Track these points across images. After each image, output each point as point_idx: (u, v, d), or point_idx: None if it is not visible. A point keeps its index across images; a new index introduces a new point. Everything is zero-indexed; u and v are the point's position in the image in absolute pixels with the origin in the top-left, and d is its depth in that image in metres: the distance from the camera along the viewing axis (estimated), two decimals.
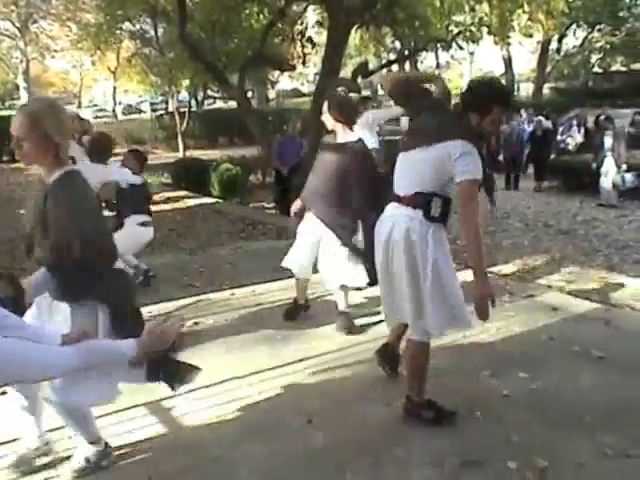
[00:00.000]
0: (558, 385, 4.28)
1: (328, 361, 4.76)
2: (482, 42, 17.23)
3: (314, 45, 16.40)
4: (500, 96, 3.62)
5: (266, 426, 3.90)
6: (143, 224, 6.61)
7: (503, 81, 36.07)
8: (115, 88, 43.63)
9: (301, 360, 4.80)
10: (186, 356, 4.92)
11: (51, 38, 40.38)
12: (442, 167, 3.49)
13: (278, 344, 5.17)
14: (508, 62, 38.92)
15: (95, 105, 53.99)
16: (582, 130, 20.71)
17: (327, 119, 5.36)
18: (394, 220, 3.67)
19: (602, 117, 15.31)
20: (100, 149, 6.51)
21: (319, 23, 16.57)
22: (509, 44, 23.87)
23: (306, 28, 16.76)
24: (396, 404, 3.98)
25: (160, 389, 4.36)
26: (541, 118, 17.50)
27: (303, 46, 16.29)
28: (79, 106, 49.97)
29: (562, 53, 39.08)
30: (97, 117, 41.78)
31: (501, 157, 16.80)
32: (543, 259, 8.65)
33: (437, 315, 3.56)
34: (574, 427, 3.74)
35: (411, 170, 3.64)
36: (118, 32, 21.78)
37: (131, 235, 6.47)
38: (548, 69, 38.95)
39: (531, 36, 21.54)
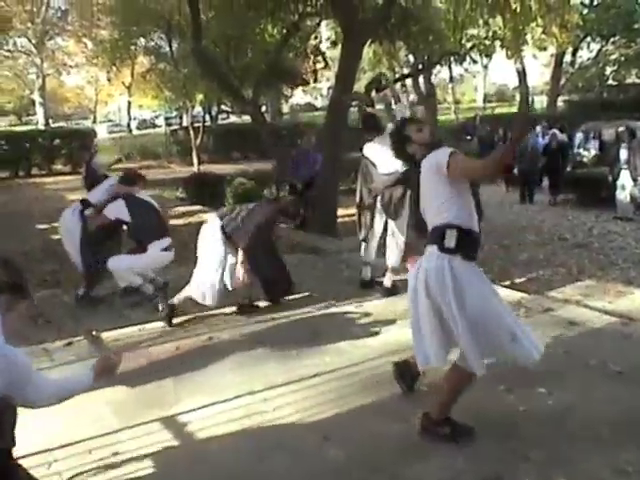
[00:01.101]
0: (575, 400, 4.24)
1: (343, 377, 4.74)
2: (496, 55, 17.25)
3: (326, 62, 16.47)
4: None
5: (282, 443, 3.88)
6: (166, 249, 6.67)
7: (517, 94, 36.14)
8: (130, 103, 43.97)
9: (316, 375, 4.78)
10: (201, 371, 4.96)
11: (67, 54, 40.90)
12: (437, 179, 3.53)
13: (292, 360, 5.16)
14: (522, 75, 38.80)
15: (110, 120, 54.41)
16: (597, 143, 20.61)
17: None
18: (419, 262, 3.69)
19: (621, 129, 15.21)
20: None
21: (333, 43, 16.63)
22: (523, 57, 23.88)
23: (320, 43, 16.84)
24: (413, 420, 3.95)
25: (176, 405, 4.38)
26: (556, 131, 17.45)
27: (316, 61, 16.36)
28: (94, 121, 50.43)
29: (576, 66, 38.96)
30: (112, 132, 42.08)
31: (515, 170, 16.76)
32: (559, 273, 8.59)
33: (472, 351, 3.51)
34: (592, 443, 3.70)
35: (424, 206, 3.73)
36: (133, 48, 21.97)
37: (154, 260, 6.69)
38: (562, 82, 38.82)
39: (545, 49, 21.54)
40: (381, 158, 6.82)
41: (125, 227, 6.78)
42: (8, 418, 2.77)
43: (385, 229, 7.00)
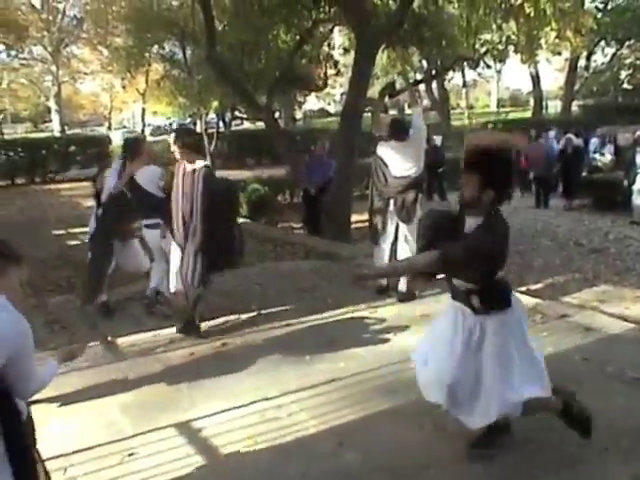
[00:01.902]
0: (592, 407, 4.18)
1: (358, 382, 4.72)
2: (509, 60, 17.17)
3: (339, 69, 16.47)
4: None
5: (297, 448, 3.87)
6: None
7: (531, 99, 36.01)
8: (144, 110, 44.14)
9: (330, 381, 4.76)
10: (215, 376, 4.96)
11: (82, 62, 41.14)
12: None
13: (307, 365, 5.15)
14: (536, 79, 38.74)
15: (124, 127, 54.60)
16: (612, 147, 20.49)
17: None
18: None
19: (638, 133, 15.10)
20: None
21: (346, 49, 16.64)
22: (537, 62, 23.78)
23: (333, 49, 16.86)
24: (428, 426, 3.93)
25: (191, 410, 4.38)
26: (571, 136, 17.34)
27: (329, 67, 16.38)
28: (109, 128, 50.67)
29: (591, 70, 38.82)
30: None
31: (531, 176, 16.69)
32: (575, 278, 8.53)
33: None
34: (610, 450, 3.66)
35: None
36: (147, 55, 22.14)
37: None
38: (577, 86, 38.68)
39: (559, 53, 21.39)
40: (396, 161, 6.81)
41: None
42: None
43: (396, 233, 6.98)
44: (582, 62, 37.02)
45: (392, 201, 6.90)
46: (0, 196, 18.83)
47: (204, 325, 6.14)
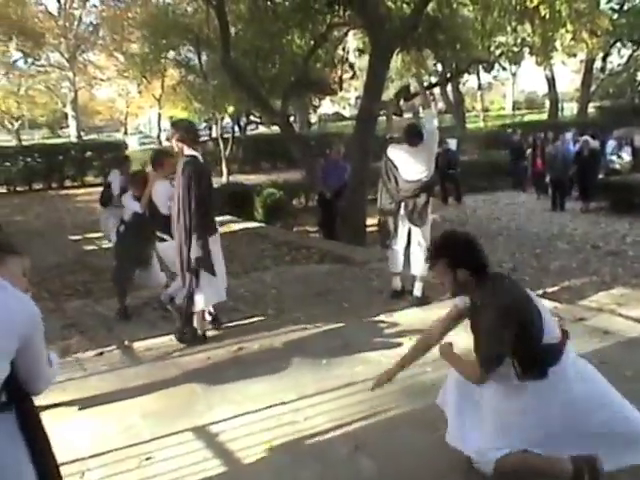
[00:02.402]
0: None
1: None
2: (524, 62, 17.10)
3: (354, 72, 16.48)
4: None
5: (313, 452, 3.88)
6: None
7: (547, 101, 35.68)
8: (160, 115, 44.38)
9: (347, 385, 4.76)
10: (232, 381, 4.97)
11: (98, 68, 41.44)
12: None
13: (323, 369, 5.15)
14: (551, 81, 38.56)
15: (140, 132, 54.90)
16: (630, 149, 20.37)
17: None
18: None
19: None
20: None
21: (361, 52, 16.64)
22: (552, 64, 23.67)
23: (348, 52, 16.87)
24: (444, 431, 3.91)
25: (208, 414, 4.39)
26: (587, 138, 17.26)
27: (344, 71, 16.40)
28: (125, 133, 51.00)
29: (607, 71, 38.55)
30: (143, 144, 42.51)
31: (547, 178, 16.62)
32: (592, 281, 8.48)
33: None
34: None
35: None
36: (163, 61, 22.24)
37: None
38: (593, 88, 38.46)
39: (575, 55, 21.24)
40: (408, 165, 6.80)
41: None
42: None
43: (409, 237, 6.97)
44: (598, 64, 36.75)
45: (403, 204, 6.90)
46: (18, 201, 19.00)
47: (210, 333, 6.16)
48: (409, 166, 6.80)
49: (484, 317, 3.19)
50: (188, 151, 5.81)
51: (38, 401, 2.54)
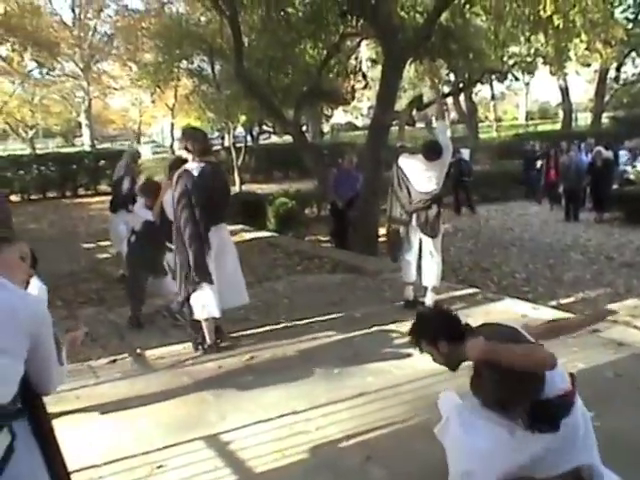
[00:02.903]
0: (624, 424, 4.12)
1: (386, 397, 4.70)
2: (538, 72, 17.07)
3: (367, 82, 16.50)
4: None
5: (325, 462, 3.86)
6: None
7: (560, 111, 35.51)
8: (173, 124, 44.60)
9: (359, 395, 4.75)
10: (243, 389, 4.96)
11: (112, 77, 41.74)
12: None
13: (335, 379, 5.13)
14: (565, 92, 38.45)
15: (153, 141, 55.20)
16: None
17: None
18: None
19: None
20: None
21: (374, 61, 16.68)
22: (566, 74, 23.61)
23: (360, 62, 16.91)
24: None
25: (219, 423, 4.39)
26: (600, 148, 17.20)
27: (357, 81, 16.43)
28: (138, 142, 51.24)
29: (621, 81, 38.39)
30: (156, 153, 42.73)
31: (560, 189, 16.57)
32: (607, 293, 8.44)
33: None
34: None
35: None
36: (176, 70, 22.33)
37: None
38: (607, 98, 38.32)
39: (589, 65, 21.19)
40: (421, 177, 6.79)
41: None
42: None
43: (421, 248, 6.96)
44: (612, 73, 36.62)
45: (415, 216, 6.89)
46: (32, 209, 19.11)
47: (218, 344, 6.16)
48: (422, 178, 6.79)
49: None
50: (190, 163, 5.79)
51: (51, 408, 2.55)
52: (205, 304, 5.81)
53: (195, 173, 5.73)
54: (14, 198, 21.31)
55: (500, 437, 3.21)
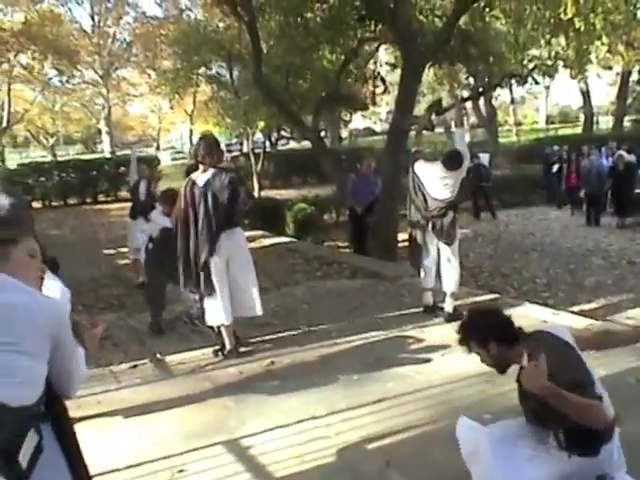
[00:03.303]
0: None
1: (406, 403, 4.67)
2: (558, 75, 16.97)
3: (385, 87, 16.49)
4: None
5: (344, 468, 3.85)
6: None
7: (581, 115, 35.22)
8: (192, 131, 44.85)
9: (379, 401, 4.73)
10: (263, 395, 4.96)
11: (131, 84, 42.12)
12: None
13: (354, 385, 5.12)
14: (586, 95, 38.19)
15: (172, 147, 55.52)
16: None
17: None
18: None
19: None
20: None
21: (392, 66, 16.66)
22: (587, 77, 23.46)
23: (379, 67, 16.91)
24: None
25: (239, 428, 4.39)
26: (622, 152, 17.03)
27: (375, 85, 16.42)
28: (157, 148, 51.56)
29: None
30: (175, 159, 42.96)
31: (581, 193, 16.43)
32: (629, 298, 8.34)
33: None
34: None
35: None
36: (195, 77, 22.46)
37: None
38: (629, 101, 37.99)
39: (610, 68, 20.99)
40: (437, 185, 6.76)
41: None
42: None
43: (439, 254, 6.93)
44: (634, 76, 36.31)
45: (431, 223, 6.87)
46: (53, 216, 19.27)
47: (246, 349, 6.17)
48: (438, 185, 6.76)
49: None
50: (199, 171, 5.91)
51: (73, 413, 2.55)
52: (215, 311, 5.84)
53: (200, 182, 5.81)
54: (35, 205, 21.53)
55: (532, 460, 3.14)
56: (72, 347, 2.42)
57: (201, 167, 5.89)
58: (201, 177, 5.85)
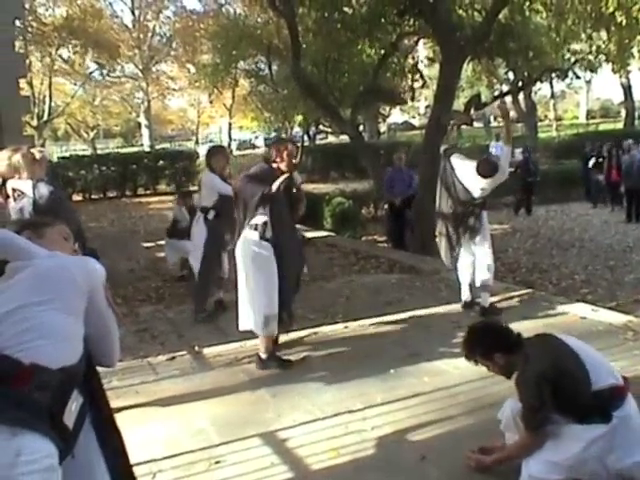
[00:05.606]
0: None
1: (442, 398, 4.67)
2: (600, 70, 16.74)
3: (424, 81, 16.42)
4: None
5: (380, 461, 3.87)
6: None
7: (622, 110, 34.77)
8: (230, 125, 45.12)
9: (415, 395, 4.73)
10: (300, 388, 5.00)
11: (171, 78, 42.53)
12: None
13: (391, 379, 5.12)
14: (628, 89, 37.53)
15: (211, 141, 55.90)
16: None
17: None
18: None
19: None
20: None
21: (431, 60, 16.58)
22: (629, 71, 23.06)
23: (418, 61, 16.83)
24: None
25: (275, 421, 4.43)
26: None
27: (414, 80, 16.36)
28: (196, 142, 51.98)
29: None
30: None
31: (622, 188, 16.18)
32: None
33: None
34: None
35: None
36: (233, 71, 22.61)
37: None
38: None
39: None
40: (470, 181, 6.72)
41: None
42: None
43: (472, 249, 6.91)
44: None
45: (462, 221, 6.84)
46: (93, 209, 19.55)
47: (287, 337, 6.19)
48: (472, 183, 6.71)
49: (520, 388, 3.35)
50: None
51: (112, 403, 2.61)
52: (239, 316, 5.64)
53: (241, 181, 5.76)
54: (76, 197, 21.86)
55: (558, 435, 3.32)
56: (106, 306, 2.49)
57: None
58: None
